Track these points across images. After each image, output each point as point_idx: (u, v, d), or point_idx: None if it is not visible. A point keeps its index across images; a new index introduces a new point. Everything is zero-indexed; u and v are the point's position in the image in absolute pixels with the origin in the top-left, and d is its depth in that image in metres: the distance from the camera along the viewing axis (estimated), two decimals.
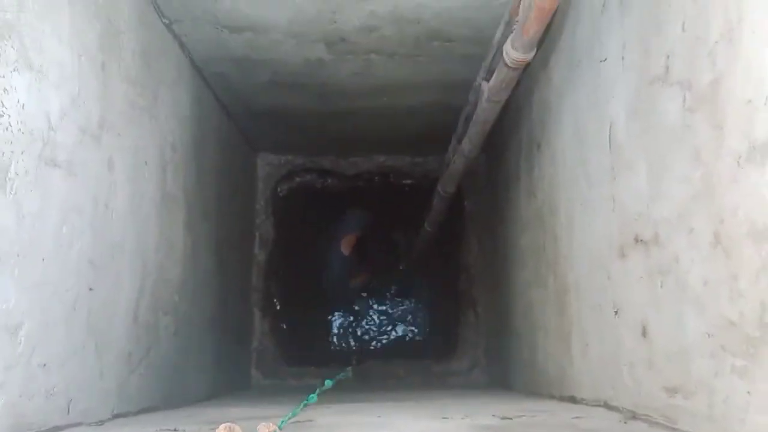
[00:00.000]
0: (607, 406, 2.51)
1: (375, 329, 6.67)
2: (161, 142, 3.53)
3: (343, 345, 6.58)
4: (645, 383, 2.19)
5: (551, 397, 3.37)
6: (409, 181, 6.52)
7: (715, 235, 1.76)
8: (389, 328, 6.67)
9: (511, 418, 2.30)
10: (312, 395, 2.54)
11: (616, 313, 2.47)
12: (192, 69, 4.14)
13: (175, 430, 2.46)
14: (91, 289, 2.71)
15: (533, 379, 3.93)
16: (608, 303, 2.55)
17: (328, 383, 3.02)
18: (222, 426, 1.29)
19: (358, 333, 6.64)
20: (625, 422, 2.16)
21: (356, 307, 6.64)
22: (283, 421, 1.76)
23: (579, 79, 2.97)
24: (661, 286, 2.08)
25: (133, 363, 3.17)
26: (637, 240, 2.28)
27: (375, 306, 6.67)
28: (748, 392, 1.58)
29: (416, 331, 6.65)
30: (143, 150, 3.27)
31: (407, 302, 6.71)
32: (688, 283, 1.90)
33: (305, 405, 2.40)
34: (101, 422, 2.76)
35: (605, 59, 2.61)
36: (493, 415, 2.34)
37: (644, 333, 2.21)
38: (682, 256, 1.94)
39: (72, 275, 2.56)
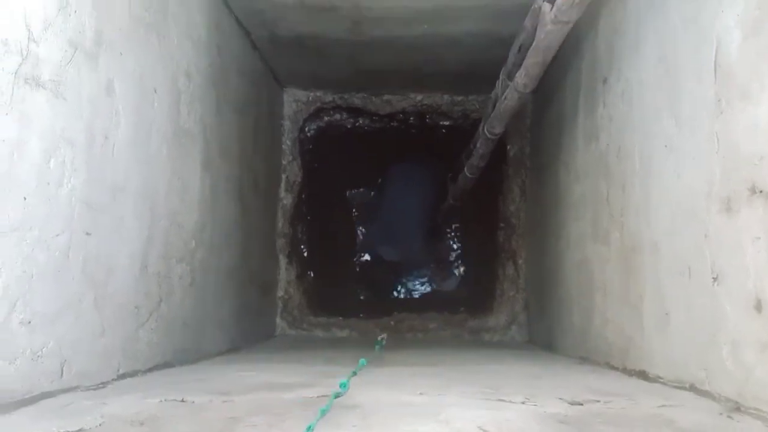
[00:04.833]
0: (696, 391, 2.07)
1: (408, 280, 6.27)
2: (173, 68, 3.08)
3: (374, 296, 6.19)
4: (757, 369, 1.75)
5: (611, 367, 2.95)
6: (447, 122, 5.97)
7: None
8: (423, 279, 6.26)
9: (581, 404, 1.89)
10: (343, 381, 2.14)
11: (714, 279, 2.01)
12: None
13: (182, 400, 2.11)
14: (88, 234, 2.34)
15: (585, 343, 3.51)
16: (703, 267, 2.09)
17: (362, 362, 2.64)
18: None
19: (391, 283, 6.24)
20: (730, 416, 1.74)
21: (389, 257, 6.21)
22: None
23: None
24: None
25: (142, 317, 2.83)
26: (753, 190, 1.80)
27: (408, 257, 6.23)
28: None
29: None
30: (151, 75, 2.83)
31: (443, 253, 6.27)
32: None
33: (336, 397, 2.00)
34: (103, 384, 2.44)
35: None
36: (560, 399, 1.93)
37: (758, 307, 1.76)
38: None
39: (62, 218, 2.18)
